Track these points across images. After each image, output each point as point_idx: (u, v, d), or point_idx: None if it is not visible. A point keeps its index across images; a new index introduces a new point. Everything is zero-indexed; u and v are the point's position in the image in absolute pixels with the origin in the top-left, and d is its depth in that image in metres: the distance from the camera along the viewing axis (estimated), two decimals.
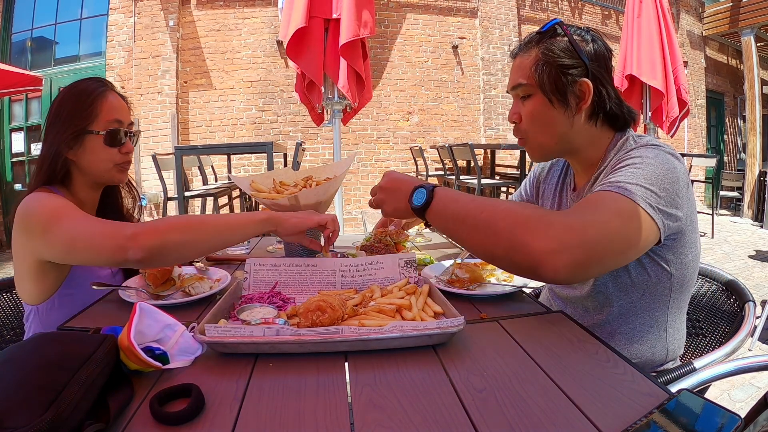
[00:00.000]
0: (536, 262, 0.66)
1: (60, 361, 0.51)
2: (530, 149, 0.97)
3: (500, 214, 0.73)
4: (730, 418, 0.48)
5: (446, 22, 6.12)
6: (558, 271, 0.65)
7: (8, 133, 5.87)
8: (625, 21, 4.29)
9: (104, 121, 1.01)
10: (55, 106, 1.01)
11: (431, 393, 0.55)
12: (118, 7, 5.44)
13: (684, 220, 0.79)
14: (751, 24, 7.24)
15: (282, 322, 0.70)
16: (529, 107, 0.91)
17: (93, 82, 1.04)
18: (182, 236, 0.85)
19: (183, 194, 3.55)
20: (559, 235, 0.66)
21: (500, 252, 0.71)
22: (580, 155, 0.95)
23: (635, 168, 0.77)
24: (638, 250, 0.74)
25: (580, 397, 0.54)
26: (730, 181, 7.57)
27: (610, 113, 0.90)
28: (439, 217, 0.81)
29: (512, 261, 0.70)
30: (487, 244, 0.73)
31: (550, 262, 0.65)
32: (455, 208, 0.79)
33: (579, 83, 0.87)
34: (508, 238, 0.70)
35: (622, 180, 0.75)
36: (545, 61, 0.87)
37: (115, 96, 1.05)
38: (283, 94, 5.64)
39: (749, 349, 2.54)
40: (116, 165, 1.05)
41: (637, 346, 0.92)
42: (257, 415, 0.51)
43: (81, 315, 0.84)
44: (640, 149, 0.82)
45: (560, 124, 0.89)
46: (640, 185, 0.73)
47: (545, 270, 0.66)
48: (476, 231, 0.74)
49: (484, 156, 6.00)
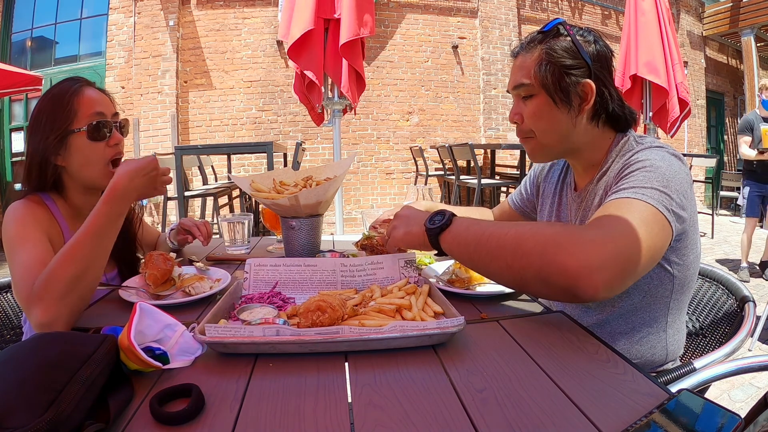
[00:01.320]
0: (572, 281, 0.63)
1: (60, 361, 0.51)
2: (532, 149, 0.96)
3: (526, 234, 0.69)
4: (730, 418, 0.47)
5: (446, 22, 6.12)
6: (597, 288, 0.63)
7: (8, 133, 5.88)
8: (625, 21, 4.29)
9: (85, 117, 0.99)
10: (35, 114, 0.99)
11: (431, 393, 0.55)
12: (118, 7, 5.44)
13: (688, 221, 0.79)
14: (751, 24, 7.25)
15: (282, 322, 0.70)
16: (531, 107, 0.90)
17: (67, 82, 1.02)
18: (78, 286, 0.79)
19: (183, 194, 3.55)
20: (594, 251, 0.64)
21: (530, 274, 0.67)
22: (582, 156, 0.95)
23: (646, 171, 0.76)
24: (660, 254, 0.73)
25: (580, 397, 0.54)
26: (730, 181, 7.56)
27: (612, 114, 0.90)
28: (456, 240, 0.78)
29: (546, 283, 0.66)
30: (515, 267, 0.69)
31: (589, 280, 0.62)
32: (476, 230, 0.76)
33: (582, 84, 0.86)
34: (538, 259, 0.66)
35: (637, 185, 0.74)
36: (548, 60, 0.86)
37: (92, 90, 1.03)
38: (283, 94, 5.64)
39: (749, 349, 2.54)
40: (108, 163, 1.02)
41: (637, 347, 0.92)
42: (257, 415, 0.51)
43: (81, 315, 0.84)
44: (646, 151, 0.82)
45: (563, 125, 0.89)
46: (655, 189, 0.73)
47: (584, 288, 0.63)
48: (501, 253, 0.70)
49: (484, 156, 6.00)
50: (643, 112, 4.16)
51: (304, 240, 1.14)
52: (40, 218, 0.96)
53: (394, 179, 6.05)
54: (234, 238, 1.34)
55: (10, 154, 5.89)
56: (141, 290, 0.93)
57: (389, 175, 6.03)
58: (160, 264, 0.93)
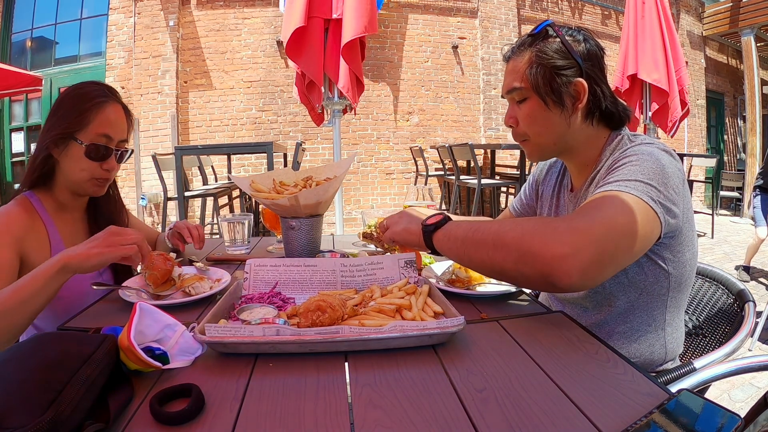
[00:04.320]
0: (548, 268, 0.65)
1: (60, 361, 0.51)
2: (529, 151, 0.98)
3: (506, 227, 0.73)
4: (730, 418, 0.48)
5: (446, 22, 6.12)
6: (571, 275, 0.64)
7: (8, 133, 5.89)
8: (625, 21, 4.29)
9: (92, 133, 1.00)
10: (57, 102, 1.01)
11: (431, 393, 0.55)
12: (118, 7, 5.44)
13: (681, 217, 0.79)
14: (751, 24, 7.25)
15: (282, 322, 0.70)
16: (525, 110, 0.92)
17: (97, 88, 1.03)
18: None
19: (183, 194, 3.55)
20: (568, 239, 0.66)
21: (510, 265, 0.71)
22: (578, 155, 0.95)
23: (632, 165, 0.77)
24: (644, 245, 0.74)
25: (580, 397, 0.54)
26: (730, 181, 7.57)
27: (605, 112, 0.90)
28: (447, 237, 0.82)
29: (522, 273, 0.70)
30: (496, 259, 0.72)
31: (562, 266, 0.64)
32: (466, 226, 0.80)
33: (574, 83, 0.87)
34: (516, 250, 0.69)
35: (621, 178, 0.75)
36: (539, 63, 0.87)
37: (114, 109, 1.03)
38: (283, 94, 5.64)
39: (749, 349, 2.54)
40: (94, 178, 1.03)
41: (636, 346, 0.92)
42: (257, 415, 0.51)
43: (81, 315, 0.84)
44: (635, 147, 0.83)
45: (557, 125, 0.90)
46: (639, 181, 0.74)
47: (558, 276, 0.65)
48: (484, 247, 0.74)
49: (484, 156, 6.00)
50: (642, 112, 4.16)
51: (304, 240, 1.14)
52: (16, 228, 0.95)
53: (394, 179, 6.05)
54: (234, 238, 1.34)
55: (10, 154, 5.89)
56: (141, 290, 0.93)
57: (389, 175, 6.03)
58: (160, 264, 0.93)
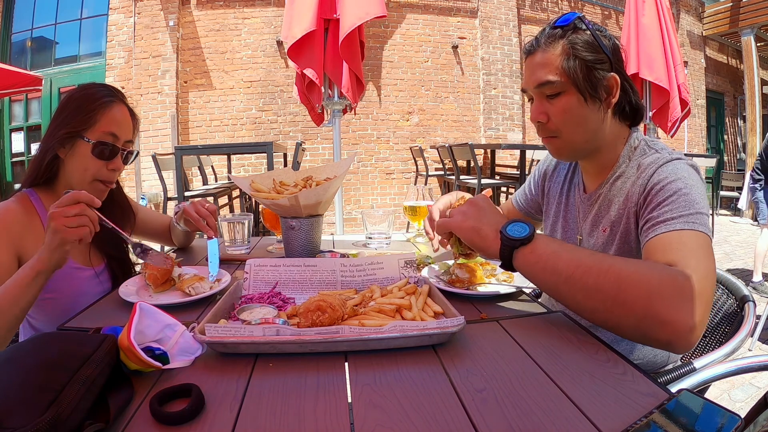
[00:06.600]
0: (674, 337, 0.63)
1: (60, 361, 0.51)
2: (557, 148, 0.93)
3: (630, 278, 0.66)
4: (730, 418, 0.47)
5: (446, 22, 6.12)
6: (693, 344, 0.64)
7: (8, 133, 5.89)
8: (625, 21, 4.28)
9: (99, 132, 1.01)
10: (62, 103, 1.02)
11: (431, 393, 0.55)
12: (118, 7, 5.44)
13: None
14: (751, 24, 7.25)
15: (282, 322, 0.70)
16: (560, 105, 0.86)
17: (103, 89, 1.04)
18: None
19: (183, 194, 3.55)
20: (693, 308, 0.63)
21: (630, 322, 0.65)
22: (600, 156, 0.93)
23: (685, 196, 0.77)
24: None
25: (580, 397, 0.54)
26: (730, 181, 7.57)
27: (634, 107, 0.90)
28: (540, 262, 0.72)
29: (644, 333, 0.65)
30: (615, 313, 0.66)
31: (689, 339, 0.63)
32: (568, 258, 0.70)
33: (608, 78, 0.85)
34: (642, 310, 0.64)
35: (684, 213, 0.75)
36: (575, 56, 0.83)
37: (120, 109, 1.04)
38: (283, 94, 5.64)
39: (749, 349, 2.54)
40: (97, 180, 1.03)
41: (639, 347, 0.92)
42: (257, 415, 0.51)
43: (81, 315, 0.84)
44: (670, 166, 0.82)
45: (592, 121, 0.87)
46: (701, 213, 0.75)
47: (682, 345, 0.64)
48: (599, 296, 0.67)
49: (484, 156, 6.00)
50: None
51: (304, 240, 1.14)
52: (13, 226, 0.95)
53: (394, 179, 6.05)
54: (234, 238, 1.34)
55: (10, 154, 5.90)
56: (141, 290, 0.93)
57: (389, 175, 6.03)
58: (160, 264, 0.93)
